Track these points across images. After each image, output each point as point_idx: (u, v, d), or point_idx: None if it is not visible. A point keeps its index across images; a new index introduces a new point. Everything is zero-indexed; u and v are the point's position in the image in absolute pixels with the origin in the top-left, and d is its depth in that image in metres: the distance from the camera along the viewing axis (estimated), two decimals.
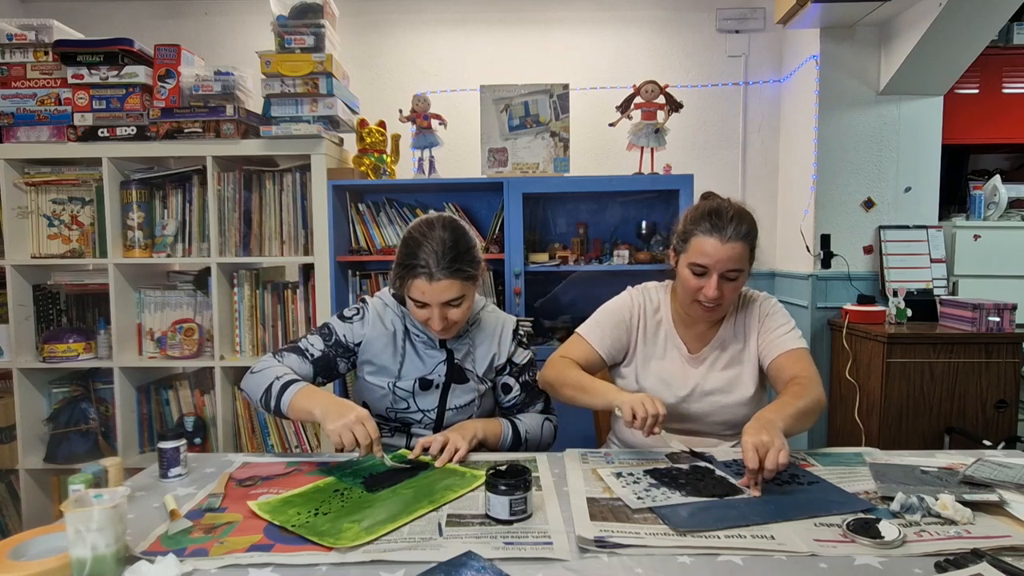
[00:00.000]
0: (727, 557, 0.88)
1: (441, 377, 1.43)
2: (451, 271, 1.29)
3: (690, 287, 1.37)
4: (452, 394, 1.44)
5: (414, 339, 1.45)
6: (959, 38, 2.35)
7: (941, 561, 0.85)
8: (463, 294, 1.33)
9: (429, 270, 1.28)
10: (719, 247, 1.32)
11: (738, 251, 1.32)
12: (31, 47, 2.24)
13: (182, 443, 1.25)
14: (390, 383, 1.42)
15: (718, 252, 1.32)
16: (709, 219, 1.34)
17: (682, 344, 1.49)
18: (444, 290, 1.30)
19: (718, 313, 1.42)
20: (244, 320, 2.38)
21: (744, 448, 1.10)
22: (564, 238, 2.72)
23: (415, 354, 1.45)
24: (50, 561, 0.84)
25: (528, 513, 1.01)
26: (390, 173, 2.53)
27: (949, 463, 1.21)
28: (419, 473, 1.21)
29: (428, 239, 1.31)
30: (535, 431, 1.48)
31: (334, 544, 0.91)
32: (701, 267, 1.34)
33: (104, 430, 2.38)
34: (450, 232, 1.33)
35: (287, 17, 2.21)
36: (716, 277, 1.33)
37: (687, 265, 1.37)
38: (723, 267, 1.32)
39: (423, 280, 1.29)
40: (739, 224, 1.33)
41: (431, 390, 1.43)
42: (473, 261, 1.34)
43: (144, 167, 2.39)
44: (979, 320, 2.27)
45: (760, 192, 2.97)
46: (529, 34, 2.92)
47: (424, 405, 1.44)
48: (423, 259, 1.29)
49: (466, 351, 1.46)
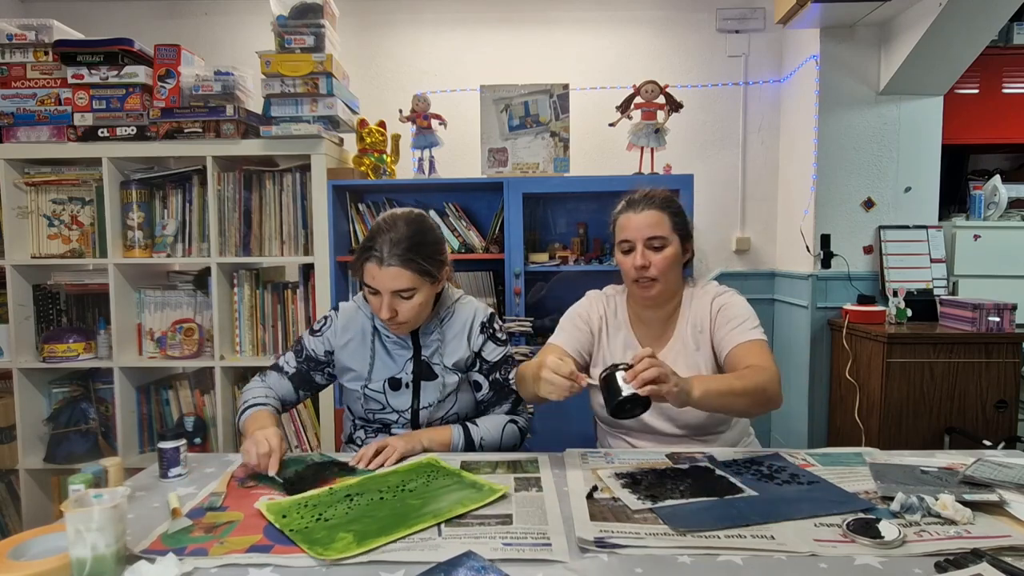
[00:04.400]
0: (727, 557, 0.88)
1: (409, 376, 1.42)
2: (403, 259, 1.29)
3: (625, 268, 1.42)
4: (424, 391, 1.42)
5: (384, 338, 1.44)
6: (959, 38, 2.35)
7: (941, 561, 0.85)
8: (414, 287, 1.31)
9: (381, 255, 1.29)
10: (633, 217, 1.41)
11: (654, 218, 1.39)
12: (31, 47, 2.24)
13: (182, 443, 1.25)
14: (362, 386, 1.42)
15: (633, 222, 1.40)
16: (624, 202, 1.46)
17: (639, 346, 1.47)
18: (393, 278, 1.29)
19: (655, 288, 1.41)
20: (244, 320, 2.38)
21: (638, 354, 1.15)
22: (564, 238, 2.72)
23: (385, 353, 1.44)
24: (50, 561, 0.84)
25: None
26: (390, 173, 2.53)
27: (949, 463, 1.21)
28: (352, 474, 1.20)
29: (389, 228, 1.32)
30: (492, 436, 1.42)
31: (322, 554, 0.89)
32: (626, 242, 1.41)
33: (104, 430, 2.38)
34: (413, 225, 1.34)
35: (287, 17, 2.21)
36: (640, 246, 1.39)
37: (618, 248, 1.44)
38: (643, 234, 1.39)
39: (374, 264, 1.29)
40: (650, 197, 1.43)
41: (401, 389, 1.42)
42: (429, 257, 1.33)
43: (144, 167, 2.39)
44: (979, 320, 2.27)
45: (760, 192, 2.97)
46: (529, 34, 2.92)
47: (397, 405, 1.42)
48: (378, 244, 1.30)
49: (435, 347, 1.43)
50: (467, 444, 1.40)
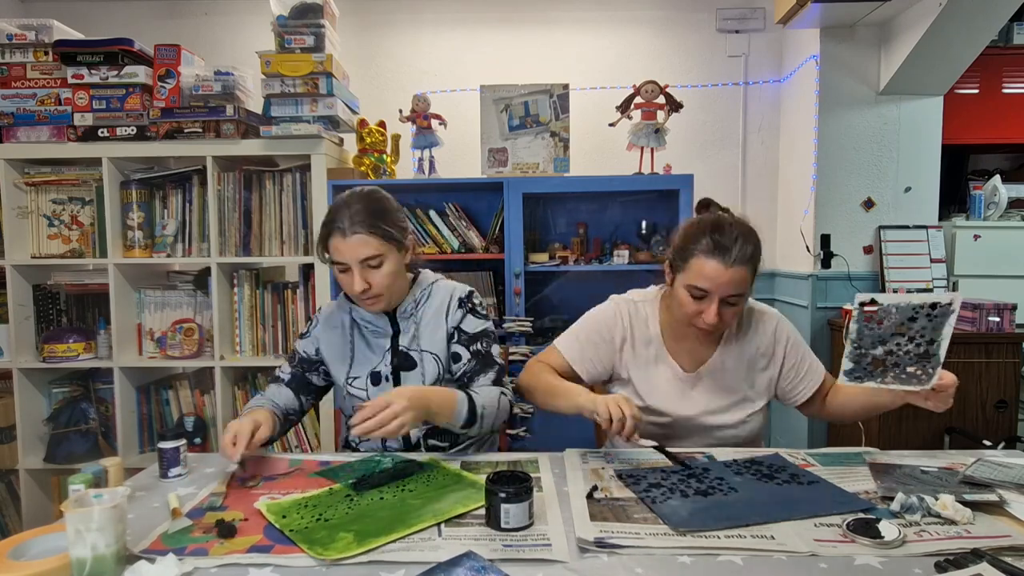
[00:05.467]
0: (727, 557, 0.88)
1: (388, 367, 1.41)
2: (366, 226, 1.29)
3: (688, 311, 1.28)
4: (405, 383, 1.39)
5: (363, 329, 1.44)
6: (959, 38, 2.35)
7: (941, 561, 0.85)
8: (380, 253, 1.31)
9: (343, 226, 1.29)
10: (721, 271, 1.22)
11: (741, 275, 1.22)
12: (31, 47, 2.24)
13: (182, 443, 1.25)
14: (345, 382, 1.42)
15: (720, 276, 1.22)
16: (711, 238, 1.24)
17: (674, 363, 1.41)
18: (358, 246, 1.29)
19: (716, 332, 1.36)
20: (244, 320, 2.38)
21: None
22: (564, 238, 2.72)
23: (365, 346, 1.43)
24: (50, 561, 0.84)
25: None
26: (390, 173, 2.53)
27: (949, 463, 1.21)
28: (415, 473, 1.20)
29: (346, 202, 1.33)
30: (491, 405, 1.34)
31: (322, 554, 0.89)
32: (701, 291, 1.25)
33: (104, 430, 2.38)
34: (370, 195, 1.35)
35: (287, 17, 2.21)
36: (717, 302, 1.24)
37: (685, 286, 1.28)
38: (724, 292, 1.23)
39: (338, 237, 1.30)
40: (744, 245, 1.23)
41: (382, 383, 1.40)
42: (392, 223, 1.34)
43: (144, 167, 2.39)
44: (979, 320, 2.27)
45: (760, 192, 2.97)
46: (529, 34, 2.92)
47: None
48: (339, 218, 1.31)
49: (412, 333, 1.42)
50: (470, 411, 1.31)
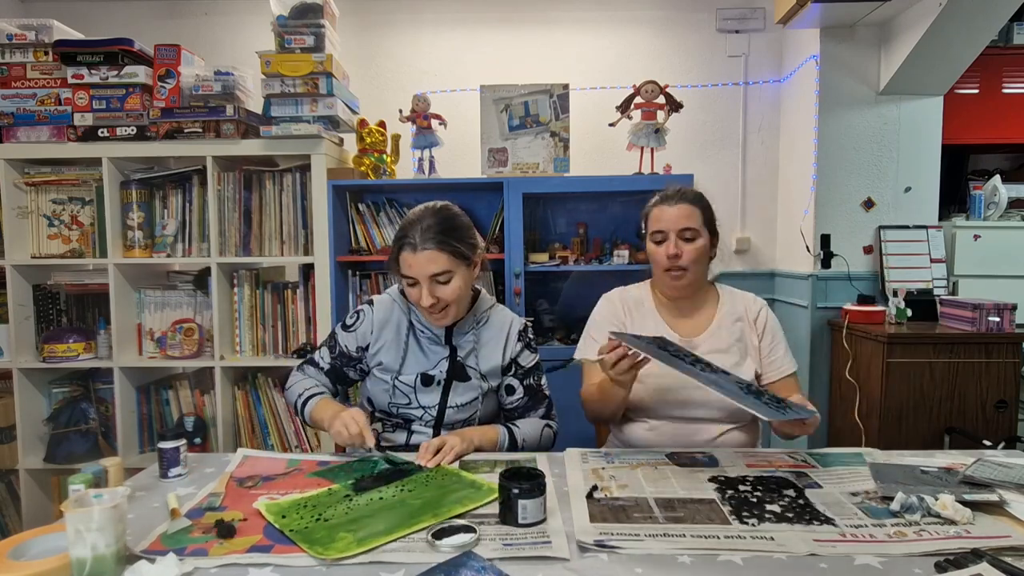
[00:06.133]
0: (727, 557, 0.89)
1: (443, 374, 1.43)
2: (436, 242, 1.32)
3: (657, 257, 1.49)
4: (454, 392, 1.44)
5: (419, 334, 1.46)
6: (959, 38, 2.35)
7: (941, 561, 0.85)
8: (450, 269, 1.33)
9: (414, 241, 1.32)
10: (667, 210, 1.49)
11: (687, 211, 1.47)
12: (31, 47, 2.24)
13: (182, 443, 1.25)
14: (392, 377, 1.43)
15: (667, 214, 1.48)
16: (658, 196, 1.54)
17: (670, 331, 1.52)
18: (428, 261, 1.31)
19: (685, 278, 1.48)
20: (244, 320, 2.38)
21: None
22: (564, 238, 2.72)
23: (419, 349, 1.45)
24: (50, 561, 0.84)
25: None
26: (390, 173, 2.53)
27: (949, 463, 1.21)
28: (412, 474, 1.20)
29: (419, 217, 1.36)
30: (532, 438, 1.46)
31: (322, 554, 0.89)
32: (659, 232, 1.48)
33: (104, 430, 2.38)
34: (443, 211, 1.38)
35: (287, 17, 2.21)
36: (673, 236, 1.46)
37: (649, 239, 1.51)
38: (676, 225, 1.46)
39: (408, 252, 1.33)
40: (685, 192, 1.51)
41: (432, 386, 1.43)
42: (463, 239, 1.36)
43: (144, 167, 2.39)
44: (979, 320, 2.27)
45: (760, 192, 2.97)
46: (529, 34, 2.92)
47: (425, 402, 1.43)
48: (410, 233, 1.33)
49: (470, 349, 1.45)
50: (511, 444, 1.43)
